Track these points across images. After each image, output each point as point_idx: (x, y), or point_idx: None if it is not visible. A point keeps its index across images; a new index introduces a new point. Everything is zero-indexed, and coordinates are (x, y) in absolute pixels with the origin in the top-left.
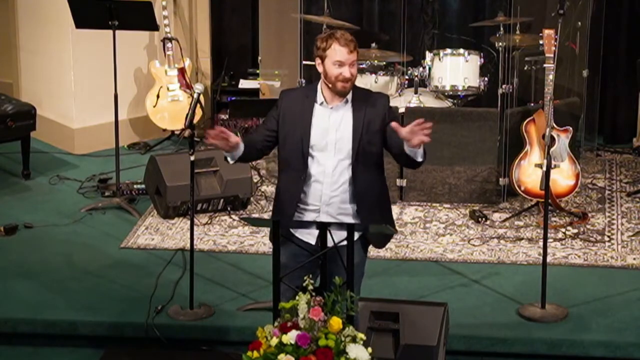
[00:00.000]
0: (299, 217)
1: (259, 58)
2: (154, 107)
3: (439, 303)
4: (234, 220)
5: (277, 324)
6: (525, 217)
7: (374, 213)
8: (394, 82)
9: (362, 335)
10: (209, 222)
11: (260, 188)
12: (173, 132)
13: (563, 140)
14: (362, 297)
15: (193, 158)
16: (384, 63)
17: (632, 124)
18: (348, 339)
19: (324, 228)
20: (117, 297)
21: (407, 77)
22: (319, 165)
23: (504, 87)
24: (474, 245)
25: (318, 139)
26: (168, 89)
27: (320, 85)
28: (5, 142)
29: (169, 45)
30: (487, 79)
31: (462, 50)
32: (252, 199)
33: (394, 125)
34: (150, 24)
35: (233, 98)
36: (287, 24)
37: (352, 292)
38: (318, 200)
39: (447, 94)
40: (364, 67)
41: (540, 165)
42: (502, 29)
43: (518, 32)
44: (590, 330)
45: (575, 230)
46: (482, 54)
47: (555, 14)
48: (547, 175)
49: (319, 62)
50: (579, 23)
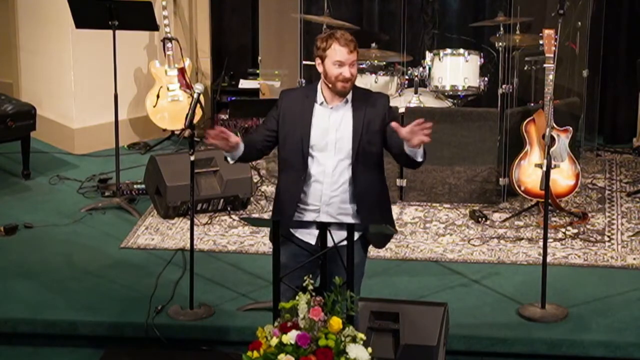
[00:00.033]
0: (299, 217)
1: (259, 58)
2: (154, 107)
3: (439, 303)
4: (234, 220)
5: (277, 324)
6: (525, 217)
7: (374, 213)
8: (394, 82)
9: (362, 335)
10: (209, 222)
11: (260, 188)
12: (173, 132)
13: (563, 140)
14: (362, 297)
15: (193, 158)
16: (384, 63)
17: (632, 124)
18: (348, 339)
19: (324, 228)
20: (117, 297)
21: (407, 77)
22: (319, 165)
23: (504, 87)
24: (474, 245)
25: (318, 139)
26: (168, 89)
27: (320, 85)
28: (5, 142)
29: (169, 45)
30: (487, 79)
31: (462, 50)
32: (252, 199)
33: (394, 125)
34: (150, 24)
35: (233, 98)
36: (287, 24)
37: (352, 292)
38: (318, 200)
39: (447, 94)
40: (364, 67)
41: (540, 165)
42: (502, 29)
43: (518, 32)
44: (590, 330)
45: (575, 230)
46: (482, 54)
47: (555, 14)
48: (547, 175)
49: (319, 62)
50: (579, 23)
